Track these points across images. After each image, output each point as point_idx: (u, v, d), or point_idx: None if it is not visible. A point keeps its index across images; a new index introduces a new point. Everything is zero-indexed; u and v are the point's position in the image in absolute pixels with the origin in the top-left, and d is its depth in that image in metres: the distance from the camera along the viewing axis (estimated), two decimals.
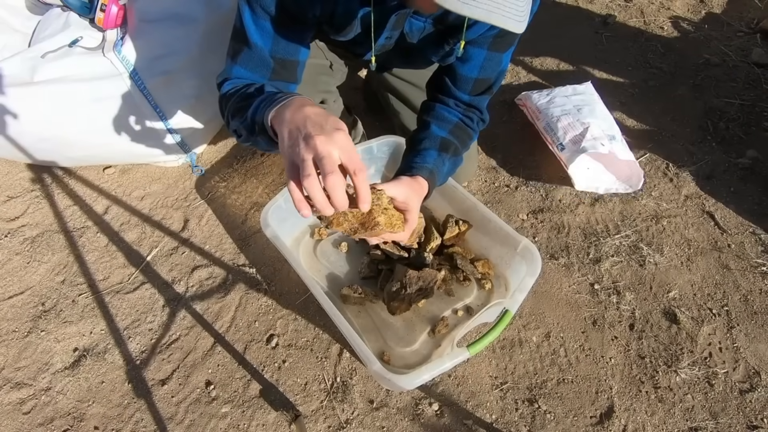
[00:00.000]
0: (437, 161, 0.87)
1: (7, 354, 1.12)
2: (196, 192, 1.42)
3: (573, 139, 1.35)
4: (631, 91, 1.70)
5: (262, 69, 0.82)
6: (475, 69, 0.90)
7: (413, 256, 1.11)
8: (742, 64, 1.78)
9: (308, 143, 0.56)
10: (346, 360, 1.11)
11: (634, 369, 1.11)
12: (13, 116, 1.17)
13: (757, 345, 1.14)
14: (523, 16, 0.55)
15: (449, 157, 0.90)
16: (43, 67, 1.16)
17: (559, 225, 1.35)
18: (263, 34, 0.80)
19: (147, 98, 1.23)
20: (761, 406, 1.05)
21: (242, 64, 0.82)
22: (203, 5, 1.22)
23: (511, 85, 1.72)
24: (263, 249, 1.29)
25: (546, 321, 1.17)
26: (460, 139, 0.94)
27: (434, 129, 0.92)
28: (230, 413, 1.04)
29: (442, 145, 0.90)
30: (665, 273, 1.26)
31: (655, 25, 1.94)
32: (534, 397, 1.07)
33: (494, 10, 0.53)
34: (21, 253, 1.29)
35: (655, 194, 1.42)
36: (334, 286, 1.13)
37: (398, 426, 1.03)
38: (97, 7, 1.20)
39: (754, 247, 1.31)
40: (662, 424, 1.03)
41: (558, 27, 1.93)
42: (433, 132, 0.91)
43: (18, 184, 1.43)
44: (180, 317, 1.18)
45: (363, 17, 0.81)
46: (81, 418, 1.04)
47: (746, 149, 1.52)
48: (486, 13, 0.53)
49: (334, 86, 1.19)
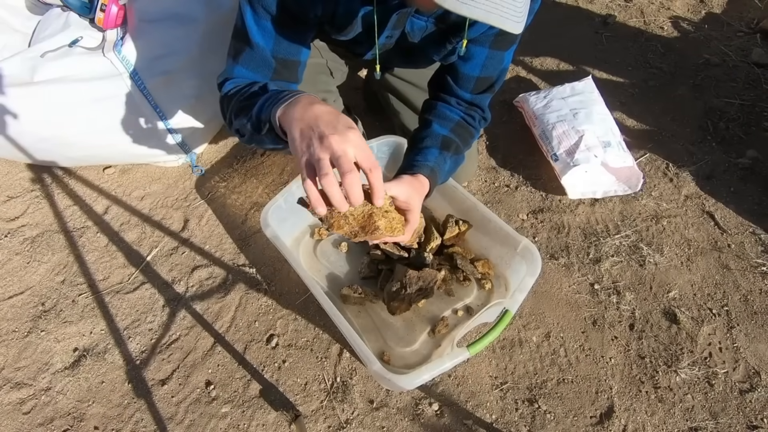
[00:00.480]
0: (438, 159, 0.87)
1: (7, 354, 1.12)
2: (196, 192, 1.42)
3: (567, 150, 1.35)
4: (631, 91, 1.70)
5: (263, 69, 0.82)
6: (477, 67, 0.90)
7: (413, 256, 1.11)
8: (742, 64, 1.78)
9: (323, 142, 0.57)
10: (346, 360, 1.11)
11: (634, 369, 1.11)
12: (13, 116, 1.17)
13: (757, 345, 1.14)
14: (521, 16, 0.55)
15: (450, 156, 0.91)
16: (43, 67, 1.16)
17: (559, 225, 1.35)
18: (265, 34, 0.80)
19: (147, 98, 1.23)
20: (761, 406, 1.05)
21: (244, 64, 0.82)
22: (203, 5, 1.22)
23: (510, 85, 1.72)
24: (263, 249, 1.29)
25: (546, 321, 1.17)
26: (461, 137, 0.94)
27: (436, 127, 0.92)
28: (230, 413, 1.04)
29: (444, 143, 0.90)
30: (665, 273, 1.26)
31: (655, 25, 1.94)
32: (534, 397, 1.07)
33: (492, 10, 0.53)
34: (21, 253, 1.29)
35: (655, 194, 1.42)
36: (334, 286, 1.13)
37: (398, 426, 1.03)
38: (97, 7, 1.20)
39: (754, 247, 1.31)
40: (662, 424, 1.03)
41: (558, 27, 1.93)
42: (434, 130, 0.91)
43: (18, 184, 1.43)
44: (180, 317, 1.18)
45: (364, 16, 0.81)
46: (81, 418, 1.04)
47: (746, 149, 1.52)
48: (485, 13, 0.53)
49: (333, 85, 1.19)
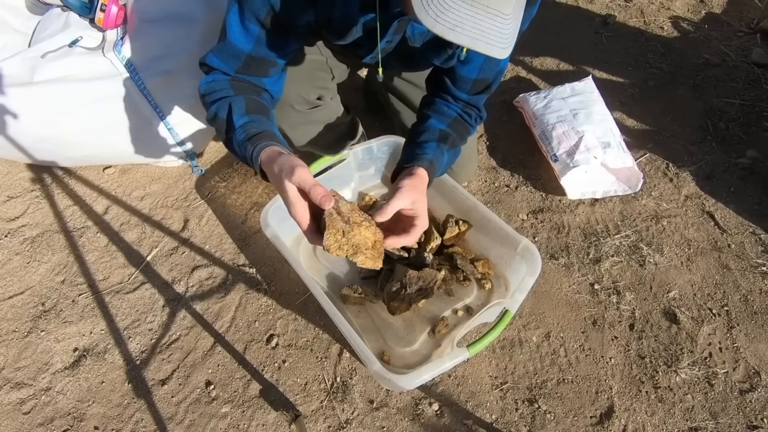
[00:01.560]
0: (436, 152, 0.89)
1: (7, 354, 1.12)
2: (196, 192, 1.42)
3: (567, 151, 1.36)
4: (631, 91, 1.70)
5: (232, 61, 0.85)
6: (475, 70, 0.91)
7: (413, 256, 1.11)
8: (742, 64, 1.78)
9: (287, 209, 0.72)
10: (346, 360, 1.11)
11: (634, 369, 1.11)
12: (13, 116, 1.17)
13: (757, 345, 1.14)
14: (507, 43, 0.57)
15: (448, 149, 0.92)
16: (43, 67, 1.16)
17: (559, 225, 1.35)
18: (246, 35, 0.82)
19: (147, 98, 1.23)
20: (761, 406, 1.05)
21: (216, 53, 0.86)
22: (203, 5, 1.22)
23: (510, 85, 1.72)
24: (263, 249, 1.29)
25: (546, 321, 1.17)
26: (458, 131, 0.96)
27: (433, 122, 0.94)
28: (230, 413, 1.04)
29: (441, 137, 0.91)
30: (665, 273, 1.26)
31: (655, 25, 1.94)
32: (534, 397, 1.07)
33: (479, 37, 0.55)
34: (21, 253, 1.29)
35: (655, 194, 1.42)
36: (334, 286, 1.13)
37: (398, 426, 1.03)
38: (97, 7, 1.20)
39: (754, 247, 1.31)
40: (662, 424, 1.03)
41: (558, 27, 1.93)
42: (432, 125, 0.93)
43: (18, 184, 1.43)
44: (180, 317, 1.18)
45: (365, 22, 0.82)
46: (81, 418, 1.04)
47: (746, 149, 1.52)
48: (471, 40, 0.55)
49: (332, 83, 1.19)
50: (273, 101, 0.94)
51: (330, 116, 1.19)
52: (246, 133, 0.78)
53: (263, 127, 0.79)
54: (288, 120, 1.10)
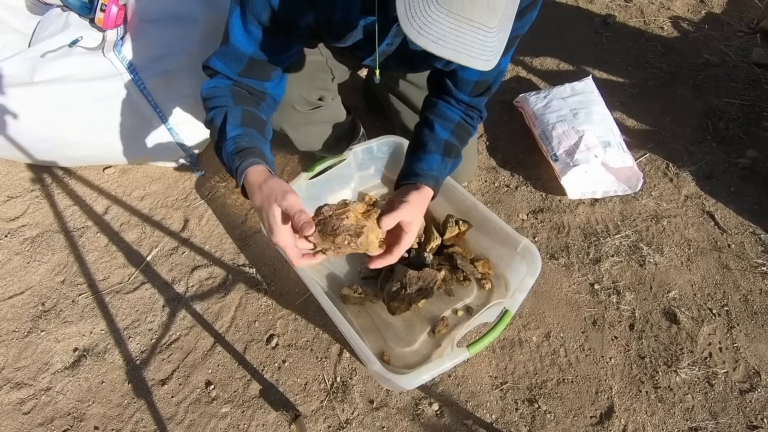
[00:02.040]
0: (441, 167, 0.90)
1: (7, 354, 1.12)
2: (196, 192, 1.42)
3: (567, 150, 1.36)
4: (631, 91, 1.70)
5: (234, 64, 0.85)
6: (476, 72, 0.91)
7: (413, 256, 1.11)
8: (742, 64, 1.78)
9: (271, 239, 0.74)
10: (346, 360, 1.11)
11: (634, 369, 1.11)
12: (13, 116, 1.17)
13: (757, 345, 1.14)
14: (492, 55, 0.57)
15: (452, 161, 0.94)
16: (43, 67, 1.16)
17: (559, 225, 1.35)
18: (249, 38, 0.82)
19: (147, 98, 1.23)
20: (761, 406, 1.05)
21: (218, 56, 0.86)
22: (203, 5, 1.22)
23: (510, 85, 1.72)
24: (263, 249, 1.29)
25: (546, 321, 1.17)
26: (461, 138, 0.96)
27: (438, 129, 0.94)
28: (230, 413, 1.04)
29: (446, 149, 0.92)
30: (665, 273, 1.26)
31: (655, 25, 1.94)
32: (534, 397, 1.07)
33: (462, 50, 0.55)
34: (21, 253, 1.29)
35: (655, 194, 1.42)
36: (334, 286, 1.13)
37: (398, 426, 1.03)
38: (97, 7, 1.20)
39: (754, 247, 1.31)
40: (662, 424, 1.03)
41: (558, 27, 1.93)
42: (437, 134, 0.93)
43: (18, 184, 1.43)
44: (180, 317, 1.18)
45: (365, 25, 0.82)
46: (81, 418, 1.04)
47: (746, 149, 1.52)
48: (453, 53, 0.55)
49: (333, 84, 1.19)
50: (274, 105, 0.94)
51: (331, 117, 1.19)
52: (236, 145, 0.79)
53: (253, 143, 0.80)
54: (289, 121, 1.10)
